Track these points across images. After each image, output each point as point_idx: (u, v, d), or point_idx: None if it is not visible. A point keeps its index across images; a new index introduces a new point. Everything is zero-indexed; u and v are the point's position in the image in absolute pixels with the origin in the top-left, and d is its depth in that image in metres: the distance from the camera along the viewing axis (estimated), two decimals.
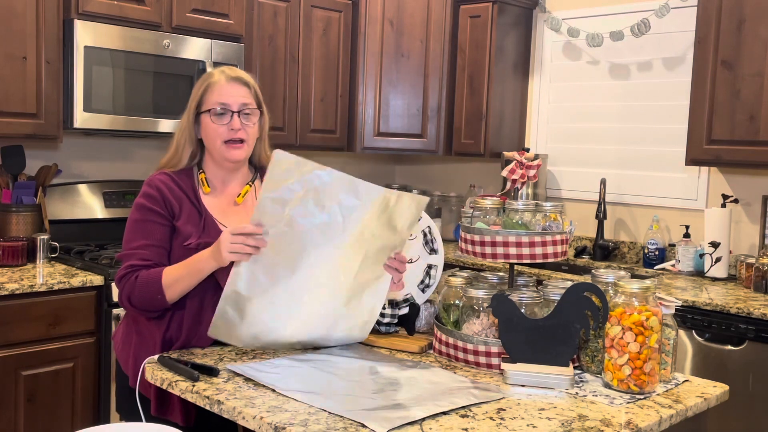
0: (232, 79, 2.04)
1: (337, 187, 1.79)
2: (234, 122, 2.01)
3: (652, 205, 3.89)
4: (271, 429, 1.49)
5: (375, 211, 1.83)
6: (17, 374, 2.82)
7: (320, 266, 1.86)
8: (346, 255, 1.86)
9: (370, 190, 1.81)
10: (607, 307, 1.78)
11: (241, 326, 1.89)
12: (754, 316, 2.86)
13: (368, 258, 1.89)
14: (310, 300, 1.89)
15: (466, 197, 4.47)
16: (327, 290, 1.89)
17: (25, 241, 3.15)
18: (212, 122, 2.02)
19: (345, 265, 1.87)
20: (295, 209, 1.78)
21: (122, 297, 1.98)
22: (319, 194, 1.78)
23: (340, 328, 1.98)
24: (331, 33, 4.18)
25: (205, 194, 2.08)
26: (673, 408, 1.68)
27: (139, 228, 2.00)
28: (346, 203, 1.81)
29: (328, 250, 1.84)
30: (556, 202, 2.39)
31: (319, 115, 4.16)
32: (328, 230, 1.82)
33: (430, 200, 1.94)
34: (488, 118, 4.15)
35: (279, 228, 1.79)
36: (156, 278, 1.92)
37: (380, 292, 1.96)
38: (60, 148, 3.57)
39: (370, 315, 1.99)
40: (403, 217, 1.88)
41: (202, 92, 2.04)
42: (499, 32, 4.13)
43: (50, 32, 3.11)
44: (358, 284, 1.92)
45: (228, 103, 2.01)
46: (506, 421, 1.55)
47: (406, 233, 1.92)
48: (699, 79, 3.35)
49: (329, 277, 1.88)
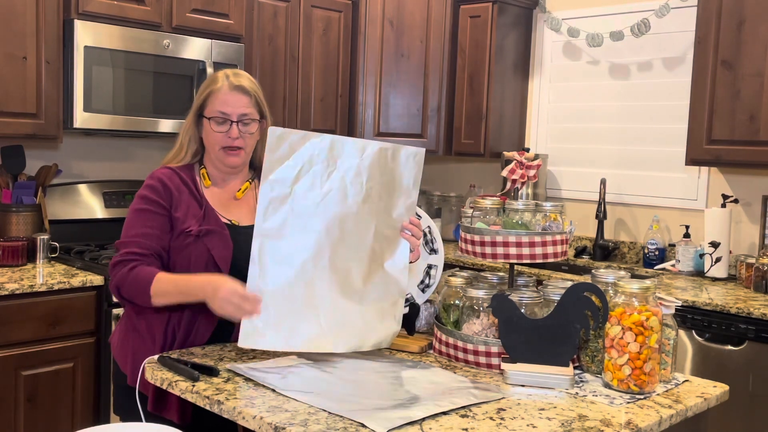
0: (235, 87, 2.06)
1: (334, 151, 1.81)
2: (232, 131, 2.04)
3: (652, 205, 3.89)
4: (271, 429, 1.49)
5: (376, 169, 1.84)
6: (17, 374, 2.82)
7: (334, 241, 1.84)
8: (358, 223, 1.86)
9: (366, 145, 1.84)
10: (607, 307, 1.78)
11: (270, 327, 1.83)
12: (754, 316, 2.86)
13: (380, 224, 1.89)
14: (333, 280, 1.86)
15: (466, 197, 4.46)
16: (345, 266, 1.87)
17: (25, 241, 3.15)
18: (212, 129, 2.06)
19: (360, 234, 1.86)
20: (298, 185, 1.79)
21: (112, 284, 2.00)
22: (318, 163, 1.80)
23: (370, 313, 1.92)
24: (331, 33, 4.18)
25: (206, 187, 2.11)
26: (673, 408, 1.68)
27: (139, 217, 2.03)
28: (346, 165, 1.82)
29: (338, 222, 1.84)
30: (556, 202, 2.39)
31: (319, 115, 4.16)
32: (334, 199, 1.83)
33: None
34: (488, 118, 4.15)
35: (285, 209, 1.79)
36: (147, 281, 1.93)
37: (399, 264, 1.94)
38: (60, 148, 3.57)
39: (397, 291, 1.95)
40: (406, 175, 1.89)
41: (204, 97, 2.08)
42: (499, 32, 4.13)
43: (50, 32, 3.11)
44: (377, 255, 1.90)
45: (228, 112, 2.04)
46: (506, 421, 1.55)
47: (414, 192, 1.92)
48: (699, 79, 3.35)
49: (345, 258, 1.86)
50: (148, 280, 1.93)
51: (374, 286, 1.93)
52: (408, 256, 1.98)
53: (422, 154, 1.93)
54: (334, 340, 1.89)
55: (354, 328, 1.91)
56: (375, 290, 1.93)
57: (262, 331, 1.82)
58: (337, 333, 1.89)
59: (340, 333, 1.89)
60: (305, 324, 1.86)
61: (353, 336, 1.91)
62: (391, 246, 1.94)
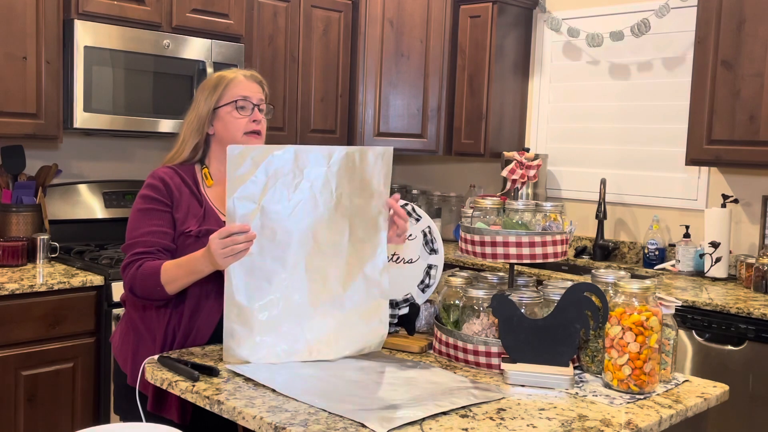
0: (250, 76, 2.14)
1: (299, 161, 1.80)
2: (255, 114, 2.10)
3: (652, 205, 3.89)
4: (271, 429, 1.49)
5: (344, 174, 1.84)
6: (17, 374, 2.82)
7: (309, 251, 1.84)
8: (331, 231, 1.85)
9: (332, 152, 1.83)
10: (607, 307, 1.78)
11: (253, 339, 1.83)
12: (754, 316, 2.86)
13: (355, 228, 1.88)
14: (311, 289, 1.86)
15: (466, 197, 4.46)
16: (322, 274, 1.87)
17: (25, 241, 3.15)
18: (234, 114, 2.08)
19: (334, 242, 1.86)
20: (265, 199, 1.78)
21: (126, 287, 2.00)
22: (284, 175, 1.79)
23: (353, 318, 1.91)
24: (331, 33, 4.18)
25: (208, 187, 2.11)
26: (673, 408, 1.68)
27: (143, 216, 2.03)
28: (313, 174, 1.81)
29: (311, 232, 1.83)
30: (556, 202, 2.39)
31: (319, 115, 4.16)
32: (304, 209, 1.82)
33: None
34: (488, 118, 4.15)
35: (255, 226, 1.79)
36: (155, 273, 1.93)
37: (379, 265, 1.93)
38: (60, 148, 3.57)
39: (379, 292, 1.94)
40: (376, 175, 1.88)
41: (222, 89, 2.10)
42: (499, 32, 4.13)
43: (50, 32, 3.11)
44: (354, 260, 1.90)
45: (249, 96, 2.10)
46: (506, 421, 1.55)
47: (385, 191, 1.92)
48: (699, 79, 3.35)
49: (321, 266, 1.86)
50: (156, 272, 1.93)
51: (354, 291, 1.92)
52: (386, 257, 1.96)
53: (390, 153, 1.91)
54: (318, 346, 1.88)
55: (338, 334, 1.90)
56: (356, 294, 1.92)
57: (244, 344, 1.82)
58: (321, 340, 1.89)
59: (323, 340, 1.89)
60: (287, 333, 1.85)
61: (338, 342, 1.90)
62: (367, 249, 1.92)
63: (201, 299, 2.00)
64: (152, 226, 2.01)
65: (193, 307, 2.00)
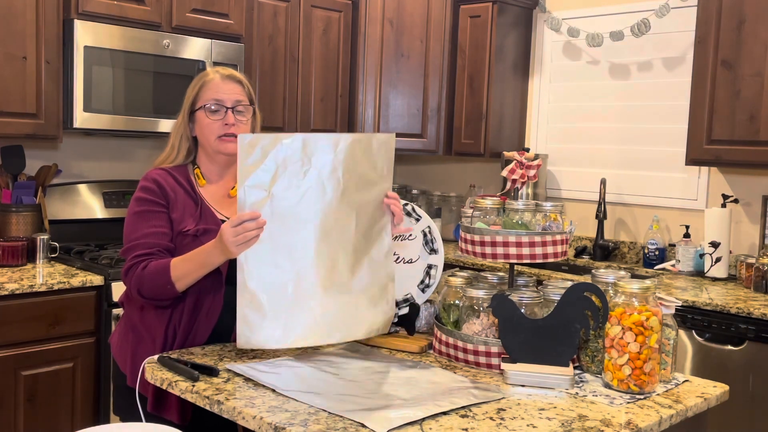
0: (227, 77, 2.10)
1: (307, 149, 1.82)
2: (228, 117, 2.06)
3: (652, 205, 3.89)
4: (271, 429, 1.49)
5: (350, 161, 1.86)
6: (17, 374, 2.82)
7: (318, 237, 1.85)
8: (338, 216, 1.87)
9: (338, 139, 1.85)
10: (607, 307, 1.78)
11: (266, 324, 1.83)
12: (754, 316, 2.86)
13: (361, 213, 1.90)
14: (321, 274, 1.87)
15: (466, 197, 4.46)
16: (331, 259, 1.88)
17: (25, 241, 3.15)
18: (207, 118, 2.06)
19: (342, 227, 1.88)
20: (275, 186, 1.80)
21: (132, 290, 1.99)
22: (293, 163, 1.81)
23: (361, 301, 1.93)
24: (331, 33, 4.18)
25: (201, 187, 2.11)
26: (673, 408, 1.68)
27: (139, 219, 2.02)
28: (321, 162, 1.83)
29: (319, 218, 1.85)
30: (556, 202, 2.39)
31: (319, 115, 4.16)
32: (313, 196, 1.83)
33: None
34: (488, 118, 4.15)
35: (266, 213, 1.80)
36: (164, 270, 1.92)
37: (385, 248, 1.96)
38: (60, 148, 3.57)
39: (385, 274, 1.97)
40: (380, 161, 1.92)
41: (197, 90, 2.10)
42: (499, 32, 4.13)
43: (50, 32, 3.11)
44: (361, 245, 1.91)
45: (222, 99, 2.07)
46: (506, 421, 1.55)
47: (388, 177, 1.95)
48: (699, 79, 3.35)
49: (330, 252, 1.87)
50: (165, 270, 1.92)
51: (362, 275, 1.93)
52: (391, 239, 1.98)
53: (392, 139, 1.94)
54: (328, 330, 1.89)
55: (347, 317, 1.92)
56: (363, 278, 1.94)
57: (257, 330, 1.82)
58: (331, 323, 1.90)
59: (333, 323, 1.90)
60: (299, 317, 1.86)
61: (347, 325, 1.92)
62: (373, 233, 1.95)
63: (199, 299, 2.00)
64: (150, 228, 2.00)
65: (192, 306, 2.00)
